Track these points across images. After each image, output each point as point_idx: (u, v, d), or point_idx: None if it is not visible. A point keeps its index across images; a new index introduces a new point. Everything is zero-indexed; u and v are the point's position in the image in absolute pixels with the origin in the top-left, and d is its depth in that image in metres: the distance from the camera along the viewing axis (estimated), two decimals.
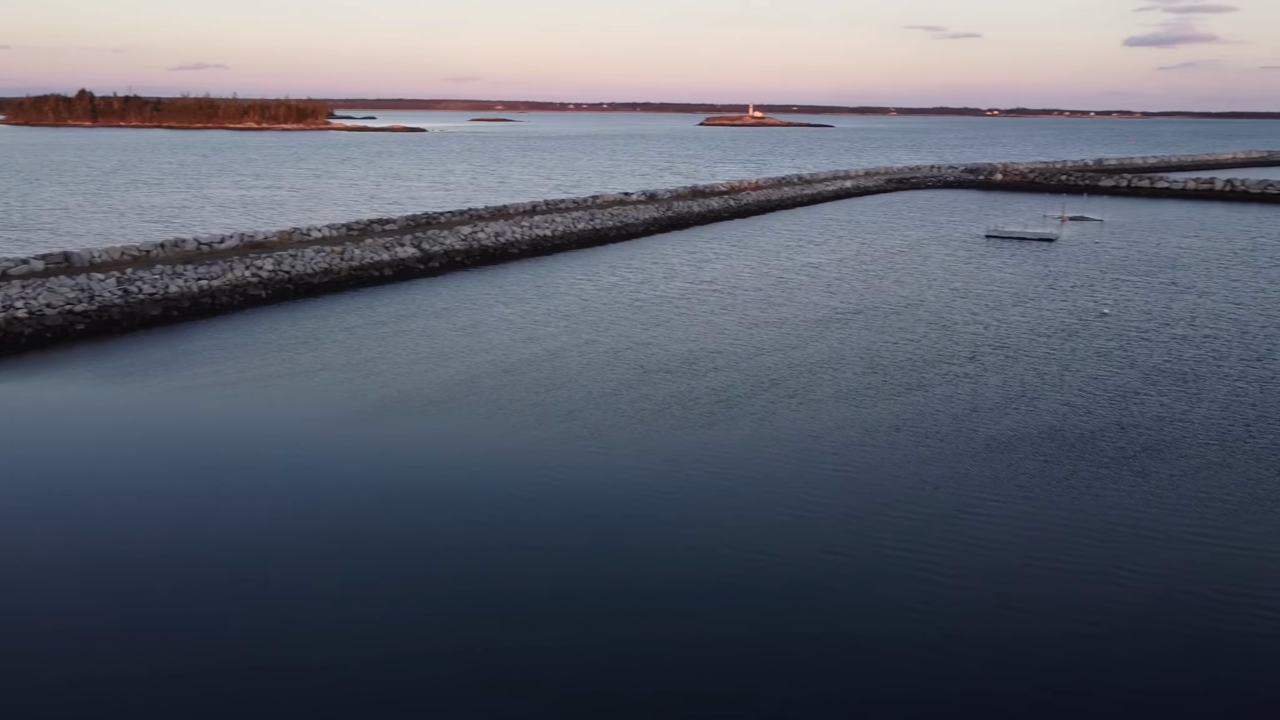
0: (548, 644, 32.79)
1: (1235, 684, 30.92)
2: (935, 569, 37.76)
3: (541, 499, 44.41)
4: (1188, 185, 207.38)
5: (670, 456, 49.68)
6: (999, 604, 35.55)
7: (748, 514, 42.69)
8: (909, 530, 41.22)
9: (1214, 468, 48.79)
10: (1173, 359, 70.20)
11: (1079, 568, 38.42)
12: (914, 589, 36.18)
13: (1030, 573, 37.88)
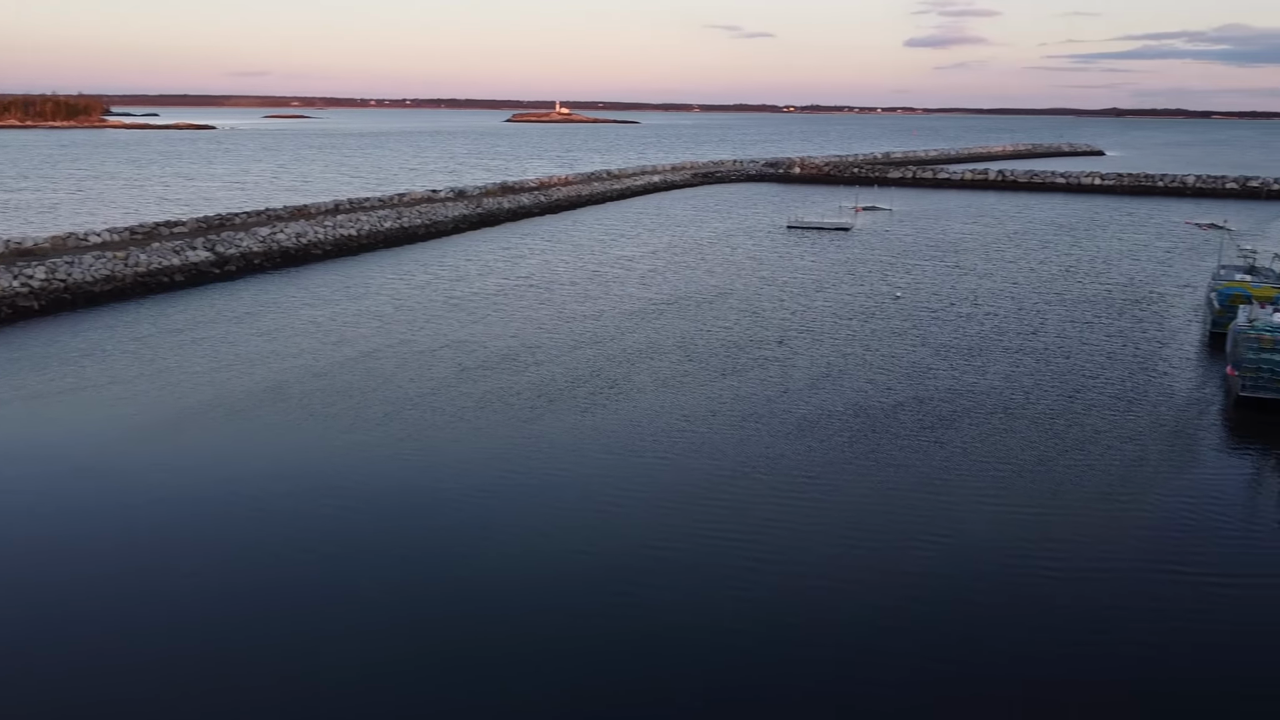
0: (367, 653, 31.73)
1: (1032, 632, 33.58)
2: (756, 554, 38.69)
3: (357, 505, 42.88)
4: (965, 176, 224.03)
5: (493, 454, 49.09)
6: (819, 582, 37.05)
7: (572, 510, 42.55)
8: (729, 515, 42.20)
9: (1000, 433, 52.80)
10: (960, 335, 75.48)
11: (890, 537, 40.68)
12: (736, 576, 36.86)
13: (846, 547, 39.72)
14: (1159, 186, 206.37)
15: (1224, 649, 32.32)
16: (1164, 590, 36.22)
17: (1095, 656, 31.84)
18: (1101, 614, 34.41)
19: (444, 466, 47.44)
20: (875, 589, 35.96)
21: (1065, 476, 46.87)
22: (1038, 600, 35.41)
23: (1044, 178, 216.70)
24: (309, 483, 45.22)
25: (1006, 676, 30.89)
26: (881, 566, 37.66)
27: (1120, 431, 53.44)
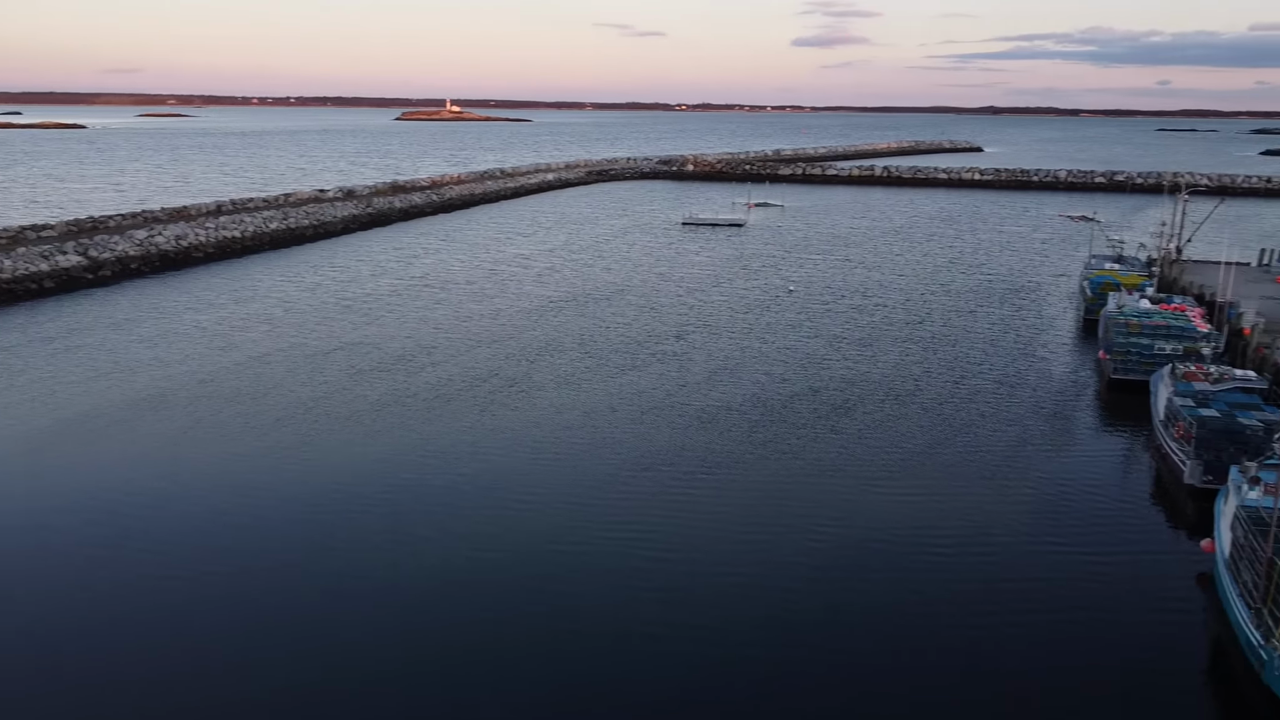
0: (255, 664, 30.86)
1: (925, 607, 34.72)
2: (658, 548, 38.84)
3: (248, 515, 41.57)
4: (853, 172, 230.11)
5: (388, 458, 48.19)
6: (722, 571, 37.57)
7: (471, 513, 41.98)
8: (632, 511, 42.39)
9: (892, 420, 54.40)
10: (852, 326, 77.46)
11: (789, 524, 41.48)
12: (640, 571, 37.04)
13: (747, 537, 40.34)
14: (1034, 181, 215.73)
15: (1102, 622, 34.00)
16: (1046, 567, 37.81)
17: (986, 629, 33.14)
18: (991, 591, 35.80)
19: (339, 471, 46.33)
20: (776, 576, 36.65)
21: (954, 459, 48.58)
22: (929, 580, 36.59)
23: (927, 173, 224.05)
24: (196, 492, 43.59)
25: (904, 651, 31.87)
26: (780, 555, 38.36)
27: (1003, 415, 55.65)
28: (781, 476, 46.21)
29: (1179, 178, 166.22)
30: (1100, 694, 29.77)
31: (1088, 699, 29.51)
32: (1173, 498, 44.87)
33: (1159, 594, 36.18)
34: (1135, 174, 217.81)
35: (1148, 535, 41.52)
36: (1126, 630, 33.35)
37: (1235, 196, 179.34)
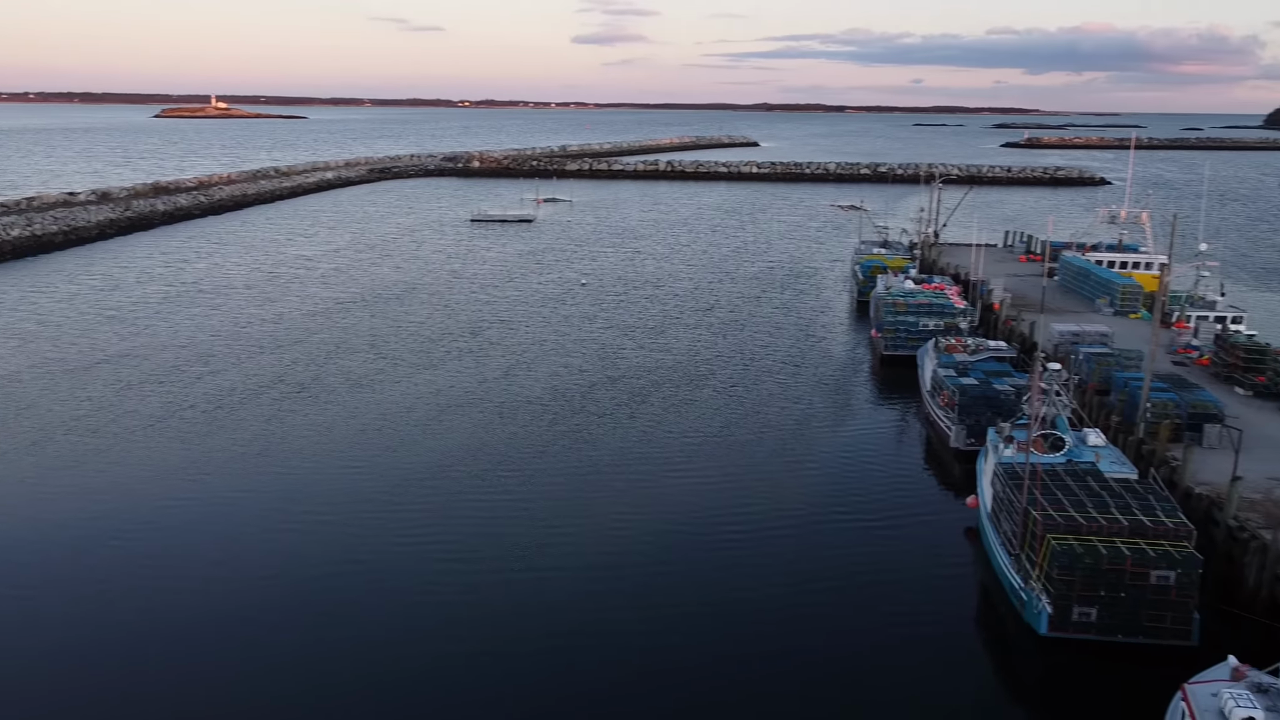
0: (49, 692, 28.37)
1: (732, 582, 36.12)
2: (454, 553, 37.91)
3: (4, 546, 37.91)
4: (638, 167, 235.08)
5: (162, 476, 45.05)
6: (523, 572, 37.60)
7: (255, 532, 39.70)
8: (429, 517, 41.35)
9: (688, 404, 56.13)
10: (645, 316, 79.21)
11: (592, 516, 42.02)
12: (433, 580, 35.88)
13: (550, 531, 40.50)
14: (807, 173, 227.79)
15: (888, 581, 36.52)
16: (836, 536, 40.10)
17: (784, 600, 34.88)
18: (787, 564, 37.59)
19: (106, 494, 42.89)
20: (580, 569, 36.89)
21: (746, 439, 50.71)
22: (730, 560, 37.96)
23: (709, 167, 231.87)
24: None
25: (710, 631, 33.01)
26: (584, 549, 38.55)
27: (790, 393, 58.61)
28: (584, 467, 46.71)
29: (934, 169, 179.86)
30: (891, 644, 31.96)
31: (881, 651, 31.60)
32: (941, 460, 48.77)
33: (934, 549, 39.25)
34: (896, 165, 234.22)
35: (922, 496, 44.94)
36: (908, 585, 35.95)
37: (982, 185, 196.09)
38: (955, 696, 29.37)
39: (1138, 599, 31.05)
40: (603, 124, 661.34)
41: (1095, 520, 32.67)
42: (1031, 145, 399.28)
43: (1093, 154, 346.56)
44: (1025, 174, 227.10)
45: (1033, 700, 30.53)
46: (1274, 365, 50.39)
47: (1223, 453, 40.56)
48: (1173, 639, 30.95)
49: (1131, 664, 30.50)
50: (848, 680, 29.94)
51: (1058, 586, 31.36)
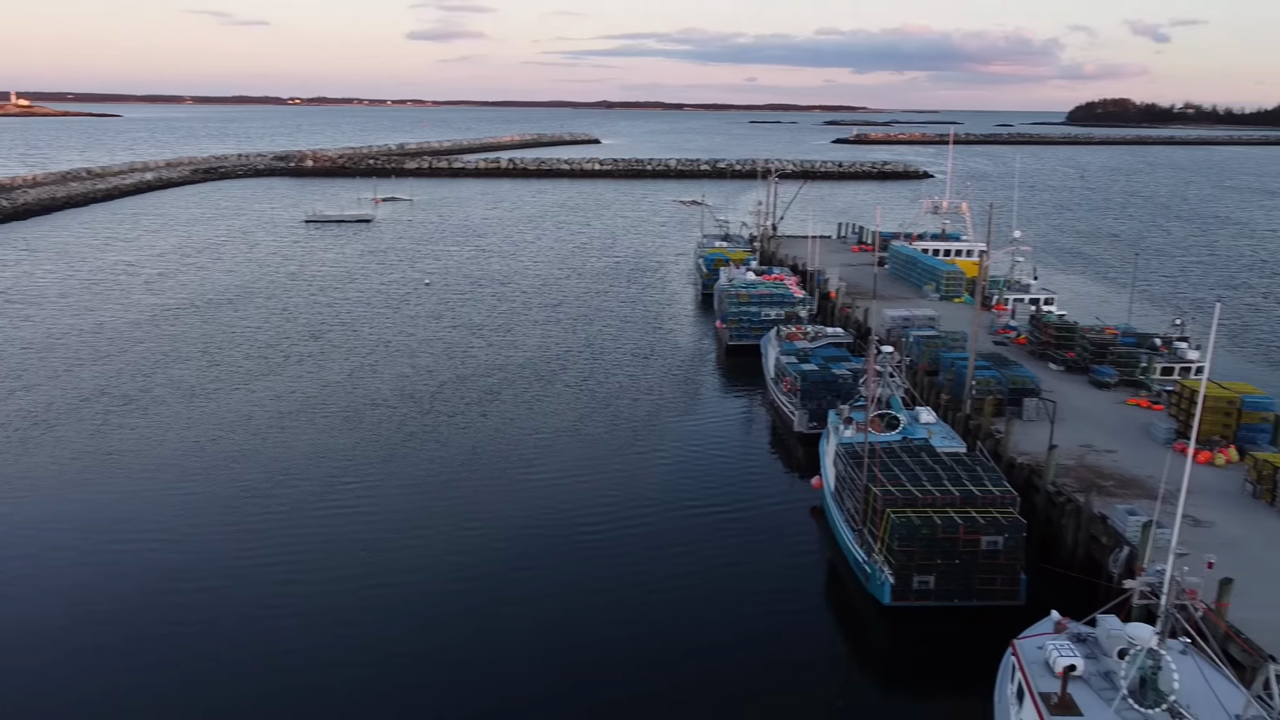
0: None
1: (589, 581, 36.29)
2: (299, 565, 36.64)
3: None
4: (479, 165, 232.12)
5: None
6: (369, 584, 36.57)
7: (72, 558, 36.98)
8: (272, 528, 39.89)
9: (539, 400, 55.99)
10: (492, 313, 78.46)
11: (443, 519, 41.37)
12: (278, 594, 34.91)
13: (398, 538, 39.62)
14: (648, 170, 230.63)
15: (742, 565, 37.55)
16: (690, 524, 40.86)
17: (649, 594, 35.36)
18: (643, 557, 38.06)
19: None
20: (432, 577, 36.01)
21: (598, 432, 51.05)
22: (586, 558, 38.15)
23: (551, 165, 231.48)
24: None
25: (572, 628, 33.12)
26: (436, 555, 37.78)
27: (640, 385, 59.32)
28: (435, 469, 45.95)
29: (770, 164, 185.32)
30: (747, 625, 32.88)
31: (738, 631, 32.46)
32: (786, 444, 50.44)
33: (783, 530, 40.59)
34: (734, 161, 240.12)
35: (769, 480, 46.35)
36: (760, 567, 37.04)
37: (815, 179, 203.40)
38: (809, 670, 30.49)
39: (971, 564, 33.03)
40: (442, 122, 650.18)
41: (930, 493, 34.54)
42: (860, 141, 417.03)
43: (916, 149, 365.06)
44: (855, 168, 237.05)
45: (881, 667, 32.02)
46: (1082, 341, 54.49)
47: (1040, 424, 43.63)
48: (1003, 599, 33.08)
49: (968, 625, 32.40)
50: (708, 662, 30.61)
51: (898, 558, 33.01)
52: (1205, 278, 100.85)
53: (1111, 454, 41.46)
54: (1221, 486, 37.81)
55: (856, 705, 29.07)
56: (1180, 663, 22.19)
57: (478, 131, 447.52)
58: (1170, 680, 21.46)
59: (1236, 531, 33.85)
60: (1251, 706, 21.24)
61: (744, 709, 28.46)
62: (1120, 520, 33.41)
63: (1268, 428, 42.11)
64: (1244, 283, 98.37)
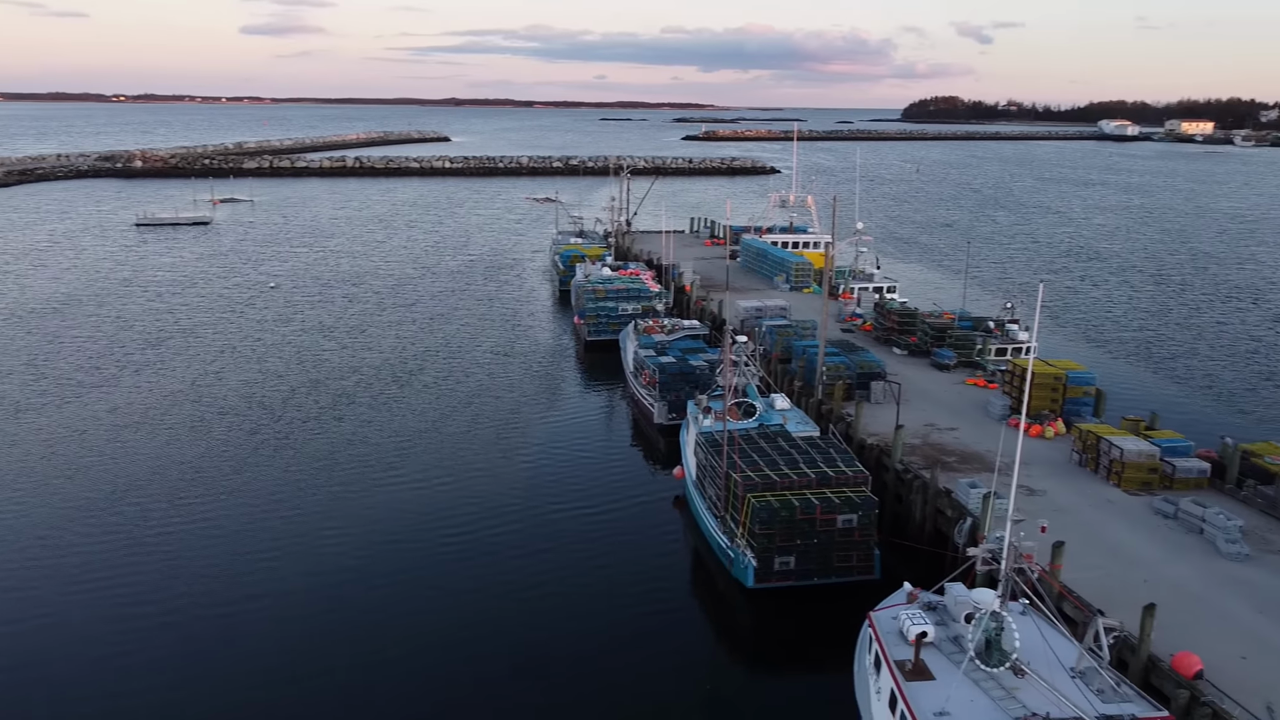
0: None
1: (453, 588, 35.86)
2: (132, 594, 34.65)
3: None
4: (324, 164, 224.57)
5: None
6: (215, 609, 35.08)
7: None
8: (109, 547, 37.93)
9: (398, 401, 54.81)
10: (344, 315, 76.26)
11: (298, 527, 40.08)
12: (113, 627, 32.93)
13: (247, 556, 38.15)
14: (500, 168, 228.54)
15: (610, 561, 37.82)
16: (555, 524, 40.87)
17: (518, 594, 35.20)
18: (512, 556, 37.89)
19: None
20: (288, 594, 34.95)
21: (459, 431, 50.43)
22: (452, 560, 37.70)
23: (400, 163, 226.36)
24: None
25: (441, 634, 32.69)
26: (290, 569, 36.67)
27: (500, 384, 58.89)
28: (288, 478, 44.43)
29: (622, 160, 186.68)
30: (616, 616, 33.21)
31: (608, 624, 32.74)
32: (647, 436, 51.10)
33: (648, 521, 41.13)
34: (586, 158, 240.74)
35: (633, 473, 46.84)
36: (627, 559, 37.45)
37: (667, 175, 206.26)
38: (679, 657, 31.03)
39: (828, 543, 34.33)
40: (282, 119, 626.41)
41: (788, 476, 35.69)
42: (709, 138, 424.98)
43: (763, 145, 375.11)
44: (705, 164, 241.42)
45: (747, 648, 32.90)
46: (923, 327, 57.31)
47: (887, 406, 45.71)
48: (859, 575, 34.53)
49: (827, 602, 33.68)
50: (581, 661, 30.73)
51: (760, 541, 33.99)
52: (1030, 263, 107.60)
53: (953, 431, 43.87)
54: (1052, 457, 40.55)
55: (725, 686, 29.80)
56: (1020, 623, 23.73)
57: (321, 129, 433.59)
58: (1012, 640, 22.91)
59: (1066, 498, 36.38)
60: (1084, 658, 22.94)
61: (617, 703, 28.73)
62: (963, 493, 35.39)
63: (1090, 401, 45.46)
64: (1063, 267, 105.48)
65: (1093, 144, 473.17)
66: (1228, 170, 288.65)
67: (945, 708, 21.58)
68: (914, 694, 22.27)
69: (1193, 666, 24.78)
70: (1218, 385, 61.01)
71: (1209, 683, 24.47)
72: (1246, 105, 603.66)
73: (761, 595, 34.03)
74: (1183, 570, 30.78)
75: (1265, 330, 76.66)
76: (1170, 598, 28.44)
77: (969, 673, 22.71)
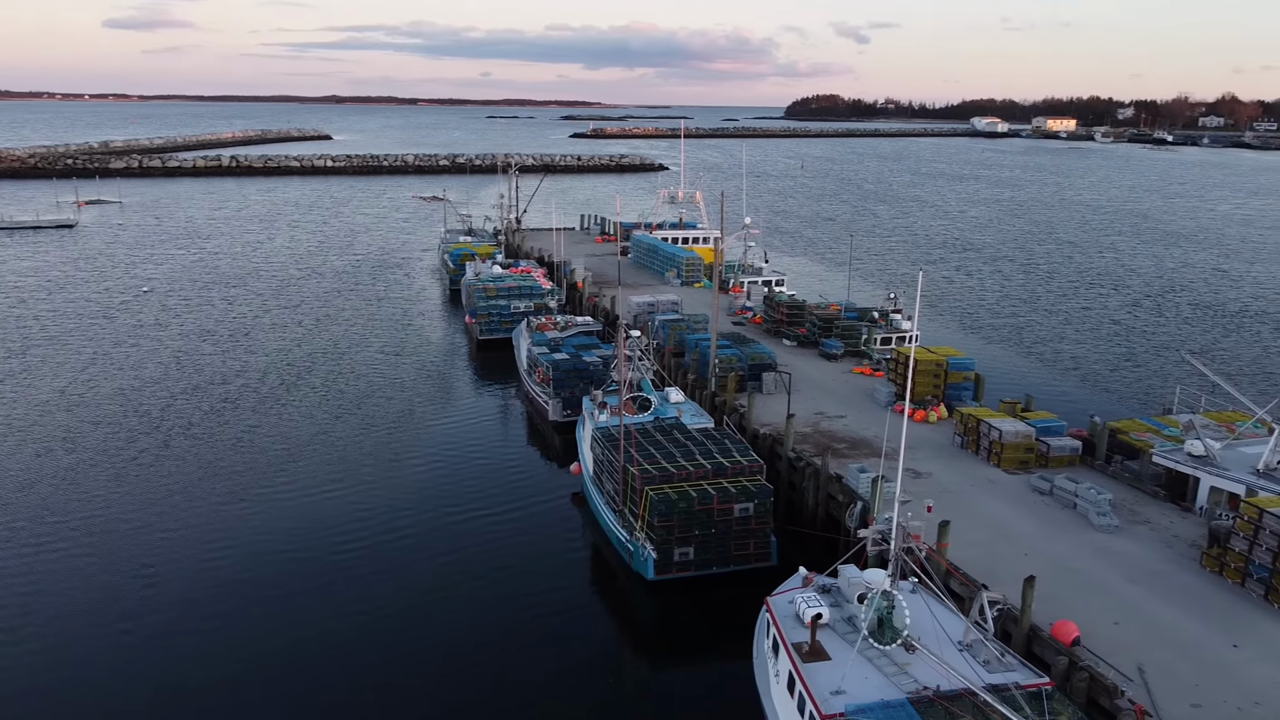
0: None
1: (352, 598, 35.02)
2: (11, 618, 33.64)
3: None
4: (198, 163, 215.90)
5: None
6: (95, 628, 33.74)
7: None
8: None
9: (285, 405, 53.17)
10: (224, 318, 73.53)
11: (180, 540, 38.54)
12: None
13: (133, 562, 36.64)
14: (385, 166, 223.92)
15: (512, 562, 37.54)
16: (454, 523, 40.33)
17: (420, 600, 34.60)
18: (412, 562, 37.08)
19: None
20: (170, 615, 33.25)
21: (351, 434, 49.27)
22: (349, 569, 36.69)
23: (280, 162, 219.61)
24: None
25: (344, 646, 31.90)
26: (171, 587, 35.11)
27: (392, 384, 57.77)
28: (168, 489, 42.64)
29: (510, 158, 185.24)
30: (520, 615, 32.97)
31: (512, 624, 32.47)
32: (543, 434, 50.91)
33: (546, 519, 40.96)
34: (474, 156, 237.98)
35: (529, 471, 46.56)
36: (527, 558, 37.17)
37: (556, 173, 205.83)
38: (582, 654, 31.01)
39: (726, 533, 34.85)
40: (152, 117, 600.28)
41: (685, 468, 36.08)
42: (597, 135, 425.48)
43: (651, 143, 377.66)
44: (594, 161, 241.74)
45: (649, 641, 33.10)
46: (811, 318, 58.66)
47: (778, 396, 46.66)
48: (757, 562, 35.16)
49: (727, 590, 34.18)
50: (484, 664, 30.39)
51: (659, 533, 34.26)
52: (908, 255, 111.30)
53: (842, 418, 45.08)
54: (935, 441, 42.07)
55: (629, 680, 29.98)
56: (910, 600, 24.57)
57: (195, 127, 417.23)
58: (903, 617, 23.70)
59: (950, 479, 37.80)
60: (970, 631, 23.90)
61: (522, 704, 28.55)
62: (853, 478, 36.41)
63: (970, 386, 47.33)
64: (940, 258, 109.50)
65: (966, 140, 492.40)
66: (1089, 165, 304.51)
67: (841, 686, 22.18)
68: (811, 674, 22.81)
69: (1070, 634, 26.09)
70: (1084, 367, 64.31)
71: (1085, 648, 25.81)
72: (1105, 104, 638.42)
73: (662, 587, 34.31)
74: (1059, 543, 32.35)
75: (1124, 314, 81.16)
76: (1048, 570, 29.88)
77: (863, 651, 23.39)
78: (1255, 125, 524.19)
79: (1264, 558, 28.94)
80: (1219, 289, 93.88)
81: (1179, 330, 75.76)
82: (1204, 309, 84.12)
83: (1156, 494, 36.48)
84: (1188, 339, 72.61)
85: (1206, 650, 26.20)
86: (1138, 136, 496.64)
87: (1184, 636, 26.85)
